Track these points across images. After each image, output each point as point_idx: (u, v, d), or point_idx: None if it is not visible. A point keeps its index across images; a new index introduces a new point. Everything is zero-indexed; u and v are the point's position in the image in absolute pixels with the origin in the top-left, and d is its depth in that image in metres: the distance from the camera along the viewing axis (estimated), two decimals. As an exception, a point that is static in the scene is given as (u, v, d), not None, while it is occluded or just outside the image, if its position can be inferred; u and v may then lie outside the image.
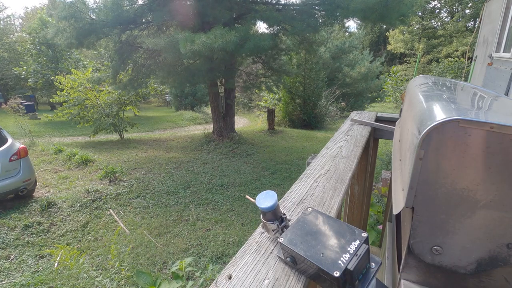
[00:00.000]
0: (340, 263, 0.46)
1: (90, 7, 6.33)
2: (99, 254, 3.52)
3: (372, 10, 5.43)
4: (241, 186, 5.55)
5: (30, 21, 22.53)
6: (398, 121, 1.38)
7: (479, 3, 17.68)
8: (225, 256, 3.49)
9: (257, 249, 0.61)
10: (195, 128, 13.63)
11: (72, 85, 9.03)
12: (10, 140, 4.63)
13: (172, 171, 6.31)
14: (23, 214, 4.23)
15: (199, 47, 4.95)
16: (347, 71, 16.57)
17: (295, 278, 0.53)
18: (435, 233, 0.53)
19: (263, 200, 0.58)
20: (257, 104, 16.04)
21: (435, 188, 0.51)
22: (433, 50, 22.31)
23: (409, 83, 1.20)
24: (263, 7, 7.28)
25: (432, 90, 0.86)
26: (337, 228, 0.55)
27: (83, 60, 16.94)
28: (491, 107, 0.71)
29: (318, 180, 0.94)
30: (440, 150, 0.48)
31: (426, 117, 0.54)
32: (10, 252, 3.50)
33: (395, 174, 0.84)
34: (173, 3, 6.19)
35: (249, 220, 4.35)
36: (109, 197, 4.93)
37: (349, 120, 1.85)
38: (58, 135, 11.06)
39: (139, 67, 7.76)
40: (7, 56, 18.13)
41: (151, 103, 24.75)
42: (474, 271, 0.53)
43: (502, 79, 4.09)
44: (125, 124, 10.00)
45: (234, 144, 8.57)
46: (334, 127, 13.19)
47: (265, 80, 9.67)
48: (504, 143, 0.45)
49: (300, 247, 0.52)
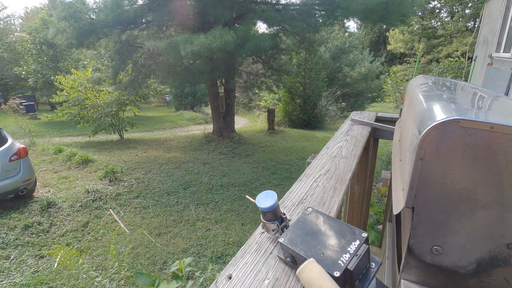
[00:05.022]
0: (340, 263, 0.46)
1: (90, 7, 6.33)
2: (99, 254, 3.52)
3: (372, 11, 5.43)
4: (241, 186, 5.55)
5: (30, 21, 22.54)
6: (398, 121, 1.38)
7: (479, 3, 17.68)
8: (225, 256, 3.48)
9: (257, 249, 0.61)
10: (195, 128, 13.63)
11: (72, 85, 9.03)
12: (10, 140, 4.62)
13: (172, 171, 6.30)
14: (23, 214, 4.22)
15: (198, 48, 4.94)
16: (347, 71, 16.58)
17: (295, 278, 0.53)
18: (435, 233, 0.53)
19: (263, 200, 0.58)
20: (257, 104, 16.03)
21: (435, 188, 0.51)
22: (433, 50, 22.29)
23: (409, 83, 1.20)
24: (263, 7, 7.28)
25: (432, 90, 0.86)
26: (337, 228, 0.55)
27: (83, 60, 16.93)
28: (491, 107, 0.71)
29: (318, 180, 0.94)
30: (440, 150, 0.48)
31: (426, 117, 0.54)
32: (10, 252, 3.50)
33: (395, 174, 0.84)
34: (173, 3, 6.18)
35: (249, 220, 4.35)
36: (109, 197, 4.93)
37: (349, 120, 1.85)
38: (58, 135, 11.06)
39: (139, 67, 7.76)
40: (7, 56, 18.11)
41: (151, 103, 24.74)
42: (474, 271, 0.53)
43: (502, 79, 4.08)
44: (125, 124, 9.99)
45: (234, 144, 8.56)
46: (334, 127, 13.19)
47: (265, 80, 9.67)
48: (504, 143, 0.45)
49: (300, 247, 0.52)
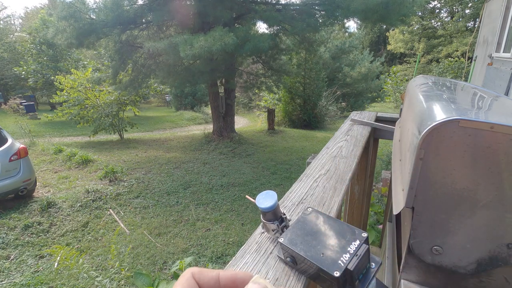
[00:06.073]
0: (340, 263, 0.46)
1: (90, 7, 6.33)
2: (99, 254, 3.52)
3: (372, 11, 5.43)
4: (241, 186, 5.55)
5: (30, 21, 22.53)
6: (398, 121, 1.38)
7: (479, 3, 17.67)
8: (225, 256, 3.48)
9: (257, 249, 0.61)
10: (195, 128, 13.63)
11: (72, 85, 9.03)
12: (10, 140, 4.62)
13: (172, 171, 6.30)
14: (23, 214, 4.22)
15: (197, 50, 4.94)
16: (347, 71, 16.58)
17: (295, 278, 0.53)
18: (435, 233, 0.53)
19: (263, 200, 0.58)
20: (257, 104, 16.04)
21: (435, 188, 0.51)
22: (433, 50, 22.29)
23: (409, 83, 1.20)
24: (263, 7, 7.28)
25: (432, 90, 0.86)
26: (337, 228, 0.55)
27: (83, 60, 16.93)
28: (491, 107, 0.71)
29: (318, 180, 0.94)
30: (440, 150, 0.48)
31: (426, 117, 0.54)
32: (10, 252, 3.50)
33: (395, 174, 0.84)
34: (173, 3, 6.18)
35: (249, 220, 4.35)
36: (109, 197, 4.93)
37: (349, 120, 1.85)
38: (58, 135, 11.06)
39: (139, 67, 7.76)
40: (7, 56, 18.10)
41: (151, 103, 24.74)
42: (474, 271, 0.53)
43: (502, 79, 4.09)
44: (125, 124, 9.99)
45: (234, 144, 8.56)
46: (334, 127, 13.19)
47: (265, 80, 9.68)
48: (504, 143, 0.45)
49: (300, 247, 0.51)
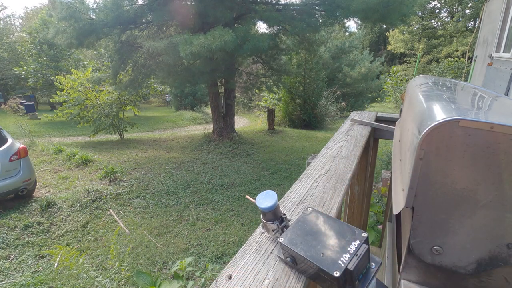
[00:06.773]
0: (340, 263, 0.46)
1: (90, 7, 6.32)
2: (99, 254, 3.52)
3: (373, 11, 5.42)
4: (241, 186, 5.55)
5: (30, 21, 22.53)
6: (398, 121, 1.38)
7: (479, 3, 17.67)
8: (225, 256, 3.48)
9: (257, 249, 0.61)
10: (195, 128, 13.63)
11: (72, 85, 9.03)
12: (10, 140, 4.62)
13: (172, 171, 6.30)
14: (23, 214, 4.22)
15: (197, 48, 4.94)
16: (347, 71, 16.58)
17: (295, 278, 0.53)
18: (435, 233, 0.53)
19: (263, 200, 0.58)
20: (257, 104, 16.03)
21: (435, 188, 0.51)
22: (433, 50, 22.29)
23: (409, 83, 1.20)
24: (263, 7, 7.28)
25: (432, 90, 0.86)
26: (337, 228, 0.55)
27: (83, 60, 16.94)
28: (491, 107, 0.71)
29: (318, 180, 0.94)
30: (440, 150, 0.48)
31: (426, 117, 0.54)
32: (10, 252, 3.50)
33: (395, 174, 0.84)
34: (173, 3, 6.18)
35: (249, 220, 4.35)
36: (109, 197, 4.93)
37: (349, 120, 1.85)
38: (58, 135, 11.06)
39: (139, 67, 7.76)
40: (7, 56, 18.10)
41: (151, 103, 24.75)
42: (474, 271, 0.53)
43: (502, 79, 4.08)
44: (125, 124, 10.00)
45: (234, 144, 8.56)
46: (334, 127, 13.19)
47: (265, 80, 9.67)
48: (504, 143, 0.45)
49: (300, 247, 0.51)
